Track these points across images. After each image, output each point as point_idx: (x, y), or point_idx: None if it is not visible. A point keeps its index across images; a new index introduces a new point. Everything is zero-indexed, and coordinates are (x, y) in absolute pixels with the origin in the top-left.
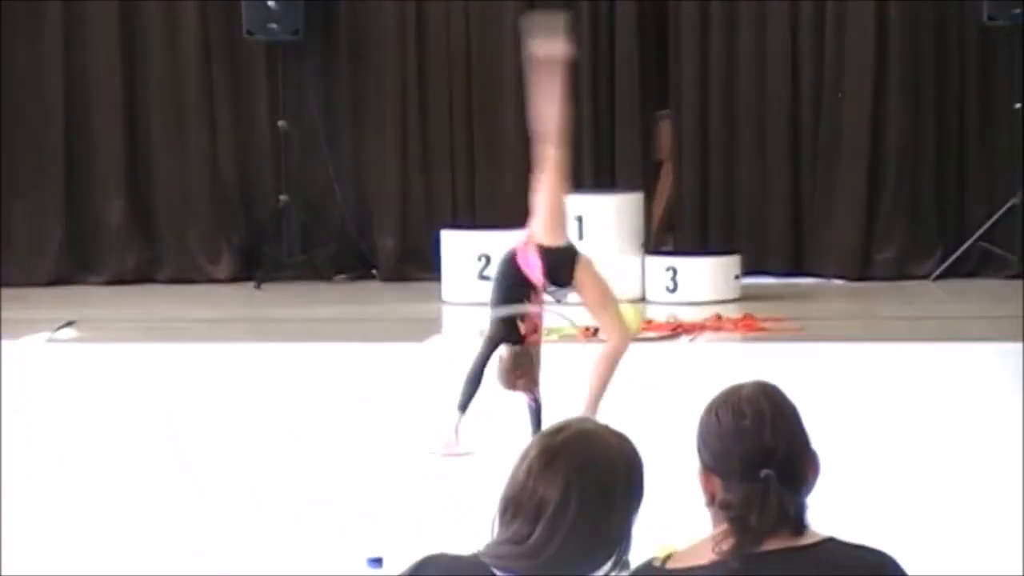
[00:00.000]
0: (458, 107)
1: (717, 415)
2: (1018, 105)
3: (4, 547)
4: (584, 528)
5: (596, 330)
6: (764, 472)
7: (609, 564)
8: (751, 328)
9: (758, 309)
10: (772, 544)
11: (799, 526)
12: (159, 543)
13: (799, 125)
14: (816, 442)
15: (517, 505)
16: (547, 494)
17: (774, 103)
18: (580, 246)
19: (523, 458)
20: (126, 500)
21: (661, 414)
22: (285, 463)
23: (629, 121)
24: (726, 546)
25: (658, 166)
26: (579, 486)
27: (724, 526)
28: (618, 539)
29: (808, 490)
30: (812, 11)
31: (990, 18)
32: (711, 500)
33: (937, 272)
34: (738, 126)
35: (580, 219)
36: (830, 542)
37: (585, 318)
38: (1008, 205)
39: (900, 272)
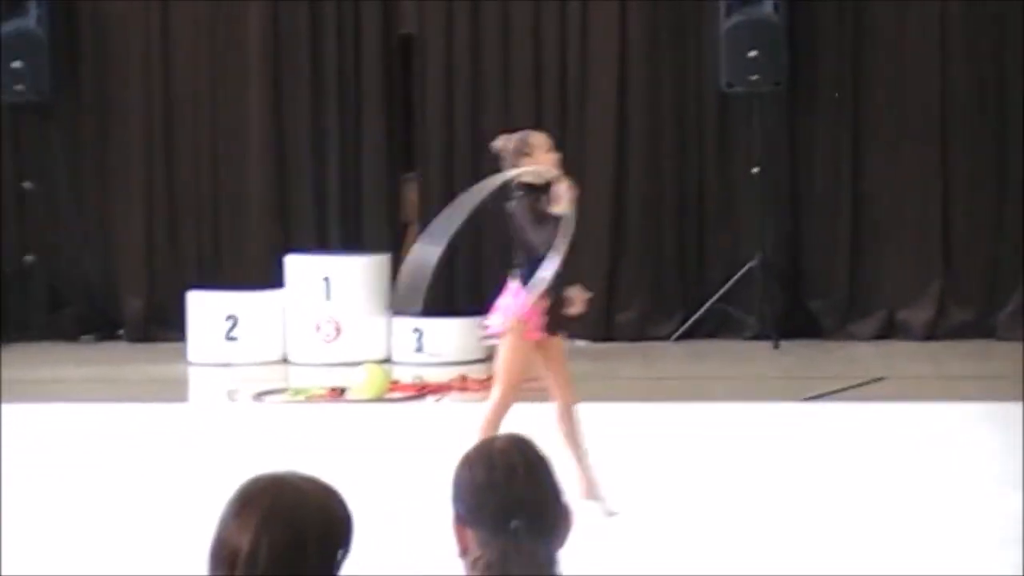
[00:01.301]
0: (204, 161)
1: (470, 468)
2: (755, 170)
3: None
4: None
5: (343, 390)
6: (514, 523)
7: None
8: None
9: None
10: None
11: (550, 571)
12: None
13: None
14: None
15: (215, 553)
16: (238, 542)
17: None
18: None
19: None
20: None
21: (408, 474)
22: (27, 523)
23: (375, 184)
24: None
25: (404, 228)
26: (268, 535)
27: None
28: None
29: (561, 542)
30: (555, 78)
31: (728, 85)
32: (463, 551)
33: (677, 333)
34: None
35: (327, 280)
36: None
37: (333, 379)
38: (745, 268)
39: (641, 333)
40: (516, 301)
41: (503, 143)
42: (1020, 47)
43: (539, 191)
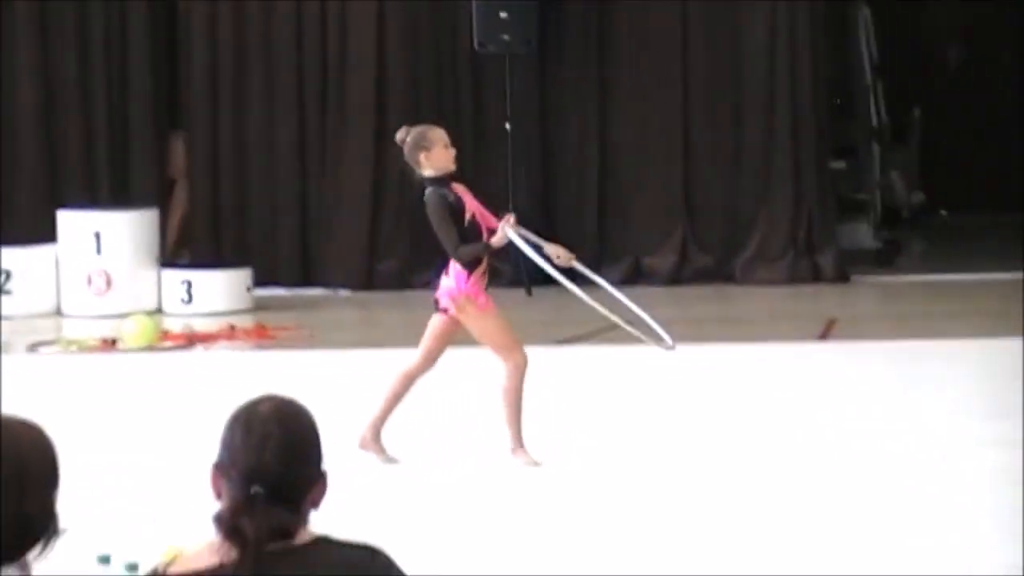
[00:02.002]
0: None
1: (233, 426)
2: (508, 126)
3: None
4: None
5: (115, 341)
6: (255, 488)
7: (40, 545)
8: (263, 337)
9: (270, 319)
10: (268, 547)
11: (290, 535)
12: None
13: (306, 146)
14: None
15: None
16: None
17: (282, 124)
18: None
19: None
20: None
21: (177, 420)
22: None
23: (143, 141)
24: (228, 555)
25: (172, 183)
26: None
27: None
28: (40, 517)
29: (313, 506)
30: (317, 44)
31: (480, 45)
32: (217, 496)
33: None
34: (247, 146)
35: (97, 235)
36: (322, 541)
37: (105, 330)
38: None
39: (402, 282)
40: (458, 283)
41: (403, 135)
42: (756, 5)
43: (438, 182)
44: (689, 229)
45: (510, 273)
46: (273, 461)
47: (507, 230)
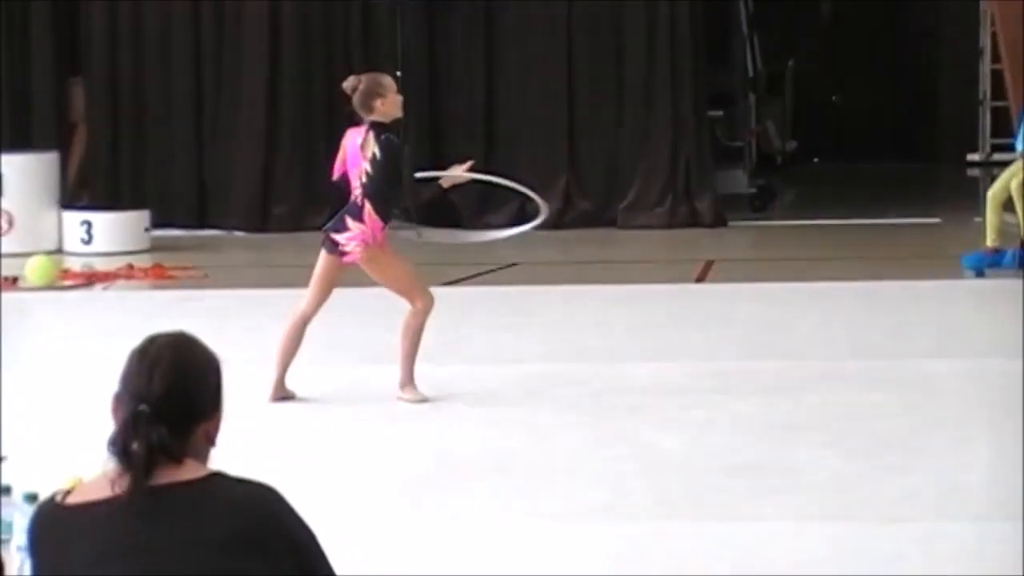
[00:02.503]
0: None
1: (130, 356)
2: (398, 72)
3: None
4: None
5: (16, 279)
6: (141, 406)
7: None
8: (160, 276)
9: (167, 259)
10: (161, 479)
11: (175, 457)
12: None
13: (202, 92)
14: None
15: None
16: None
17: (178, 69)
18: None
19: None
20: None
21: (79, 358)
22: None
23: (43, 86)
24: (120, 480)
25: (72, 127)
26: None
27: None
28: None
29: (208, 441)
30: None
31: None
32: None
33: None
34: (145, 92)
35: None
36: (216, 476)
37: (6, 268)
38: None
39: (296, 224)
40: (369, 225)
41: (354, 82)
42: None
43: (388, 129)
44: (572, 175)
45: (400, 216)
46: (159, 383)
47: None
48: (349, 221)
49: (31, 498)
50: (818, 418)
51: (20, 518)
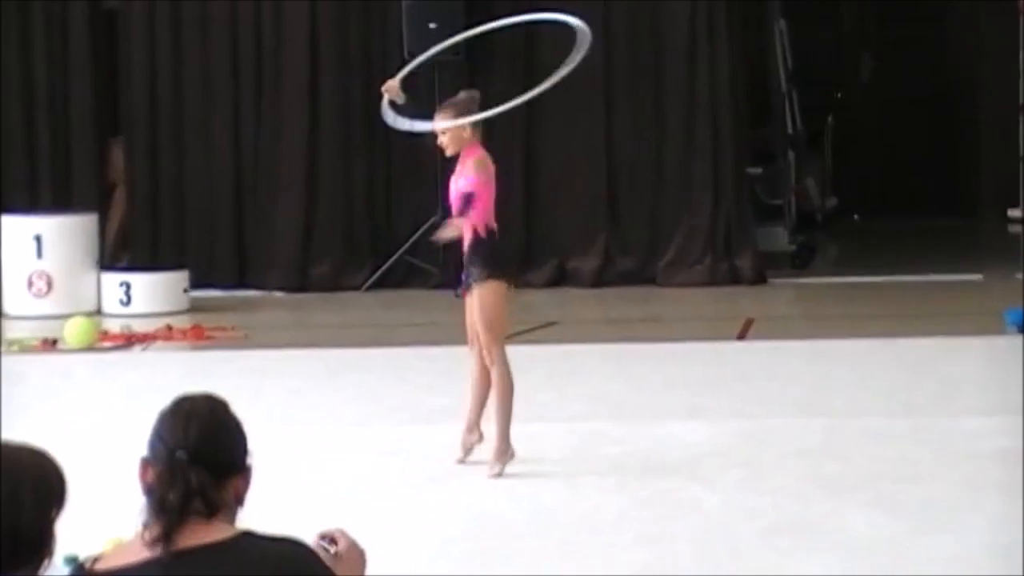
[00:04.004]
0: None
1: (161, 415)
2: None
3: None
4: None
5: (55, 341)
6: (179, 453)
7: (44, 566)
8: (199, 337)
9: (206, 320)
10: (190, 541)
11: (211, 505)
12: None
13: (241, 154)
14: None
15: None
16: None
17: (218, 132)
18: None
19: None
20: None
21: (116, 417)
22: None
23: (84, 147)
24: (150, 534)
25: (112, 188)
26: None
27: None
28: (35, 540)
29: (237, 500)
30: (252, 54)
31: (410, 54)
32: (146, 490)
33: (368, 283)
34: (185, 152)
35: (39, 238)
36: (246, 535)
37: (46, 330)
38: (429, 223)
39: (335, 284)
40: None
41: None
42: (677, 18)
43: None
44: (612, 233)
45: (439, 275)
46: (196, 433)
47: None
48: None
49: (71, 561)
50: (862, 477)
51: None
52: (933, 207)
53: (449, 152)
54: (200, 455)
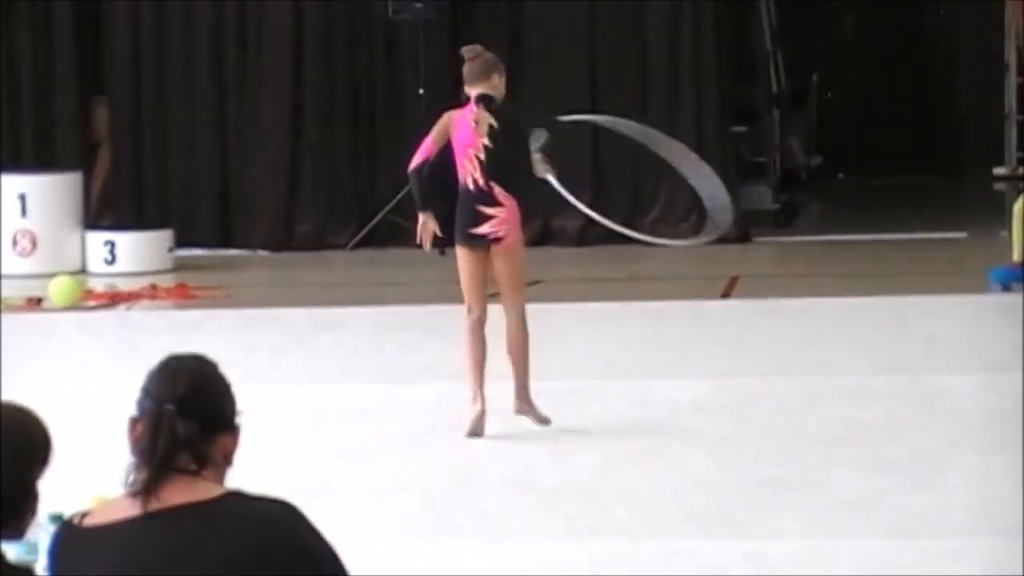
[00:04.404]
0: None
1: (149, 373)
2: (421, 91)
3: None
4: None
5: (40, 300)
6: (167, 405)
7: (28, 523)
8: (184, 296)
9: (190, 279)
10: (176, 498)
11: (198, 458)
12: None
13: (224, 112)
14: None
15: None
16: None
17: (201, 90)
18: None
19: None
20: None
21: (102, 376)
22: None
23: (66, 106)
24: (134, 486)
25: (96, 147)
26: None
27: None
28: (17, 498)
29: (225, 459)
30: (235, 11)
31: (395, 12)
32: (134, 443)
33: (352, 243)
34: (168, 111)
35: (23, 197)
36: (232, 495)
37: (30, 289)
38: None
39: (319, 243)
40: (508, 204)
41: (478, 50)
42: None
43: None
44: (596, 192)
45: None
46: (184, 388)
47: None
48: (483, 208)
49: (56, 519)
50: (844, 434)
51: (45, 539)
52: (917, 165)
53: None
54: (188, 409)
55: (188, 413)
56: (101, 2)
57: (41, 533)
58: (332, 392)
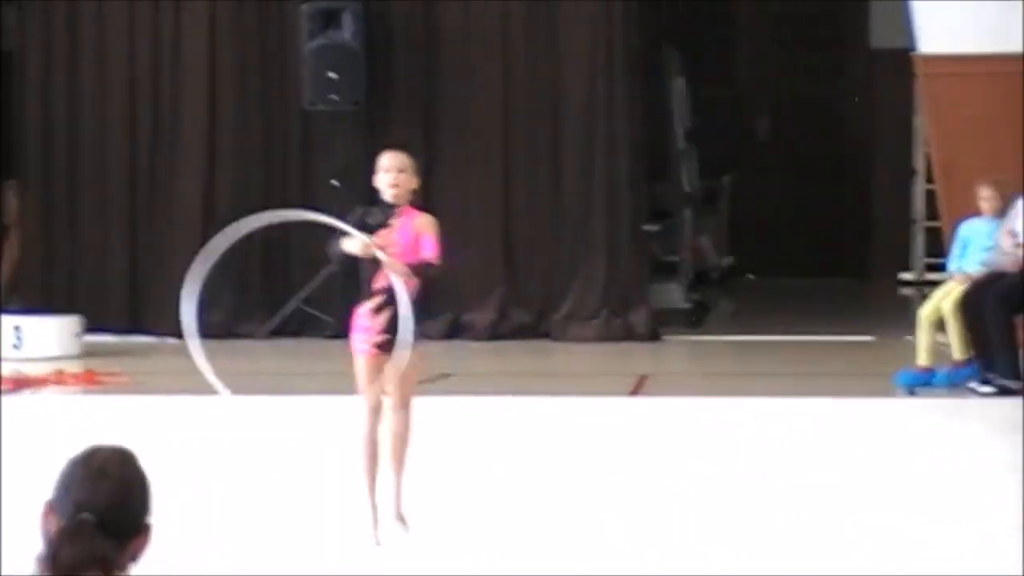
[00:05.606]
0: None
1: (71, 464)
2: (334, 182)
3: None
4: None
5: None
6: (84, 515)
7: None
8: (91, 382)
9: (98, 364)
10: None
11: (108, 568)
12: None
13: (136, 199)
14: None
15: None
16: None
17: (113, 176)
18: None
19: None
20: None
21: (6, 462)
22: None
23: None
24: None
25: (6, 231)
26: None
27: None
28: None
29: (129, 552)
30: (148, 94)
31: (311, 103)
32: (45, 534)
33: (265, 330)
34: (80, 194)
35: None
36: None
37: None
38: (325, 272)
39: (229, 331)
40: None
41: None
42: (576, 72)
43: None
44: (508, 287)
45: (335, 324)
46: (107, 494)
47: None
48: (380, 312)
49: None
50: (750, 531)
51: None
52: (827, 267)
53: (399, 200)
54: (108, 522)
55: (107, 525)
56: (13, 87)
57: None
58: (240, 483)
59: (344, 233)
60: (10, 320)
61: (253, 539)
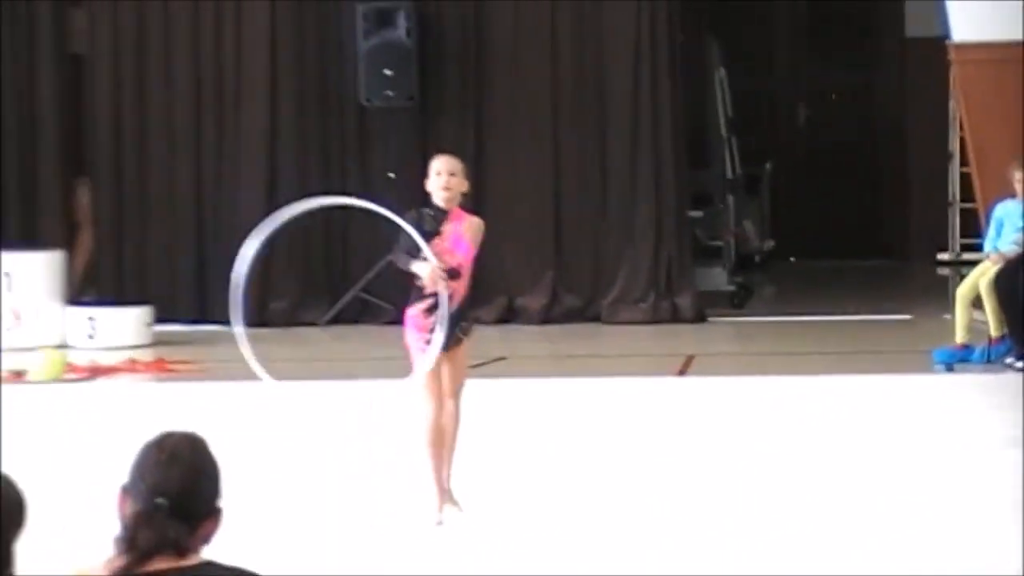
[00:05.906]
0: None
1: (145, 449)
2: (391, 174)
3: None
4: None
5: (22, 373)
6: (159, 500)
7: None
8: (162, 370)
9: (168, 353)
10: (156, 565)
11: (182, 550)
12: None
13: (202, 195)
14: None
15: None
16: None
17: (181, 174)
18: None
19: None
20: None
21: (81, 448)
22: None
23: (50, 187)
24: (117, 563)
25: (77, 227)
26: None
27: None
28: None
29: (204, 540)
30: (212, 92)
31: (367, 99)
32: (122, 519)
33: (325, 319)
34: (149, 193)
35: (8, 274)
36: (208, 564)
37: (13, 362)
38: (383, 261)
39: (292, 319)
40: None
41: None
42: (621, 66)
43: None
44: (559, 272)
45: (392, 312)
46: (179, 478)
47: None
48: (445, 304)
49: None
50: (796, 506)
51: None
52: (865, 249)
53: (450, 203)
54: (179, 506)
55: (179, 509)
56: (84, 88)
57: None
58: (305, 467)
59: (418, 249)
60: (85, 311)
61: (317, 518)
